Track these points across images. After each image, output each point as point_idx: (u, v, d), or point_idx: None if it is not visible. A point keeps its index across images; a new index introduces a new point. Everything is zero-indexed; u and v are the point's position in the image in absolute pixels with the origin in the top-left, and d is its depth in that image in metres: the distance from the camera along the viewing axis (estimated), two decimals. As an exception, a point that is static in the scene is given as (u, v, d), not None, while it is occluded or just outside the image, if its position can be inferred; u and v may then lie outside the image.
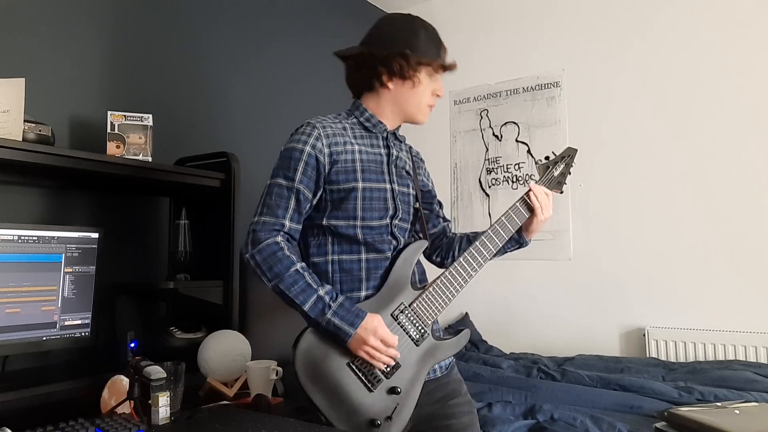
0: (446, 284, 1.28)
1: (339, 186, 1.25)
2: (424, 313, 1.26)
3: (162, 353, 1.53)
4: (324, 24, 3.13)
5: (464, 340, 1.32)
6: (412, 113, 1.35)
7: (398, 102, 1.33)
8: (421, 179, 1.46)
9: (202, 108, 2.43)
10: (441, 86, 1.36)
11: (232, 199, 1.99)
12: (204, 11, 2.47)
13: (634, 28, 2.86)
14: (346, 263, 1.26)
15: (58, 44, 1.92)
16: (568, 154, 1.48)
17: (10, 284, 1.51)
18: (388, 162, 1.33)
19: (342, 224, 1.26)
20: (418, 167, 1.47)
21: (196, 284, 2.00)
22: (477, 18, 3.39)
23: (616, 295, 2.81)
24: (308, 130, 1.26)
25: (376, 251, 1.27)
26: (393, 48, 1.28)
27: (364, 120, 1.34)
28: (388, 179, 1.31)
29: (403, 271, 1.28)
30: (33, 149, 1.50)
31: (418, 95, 1.32)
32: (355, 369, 1.19)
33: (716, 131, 2.62)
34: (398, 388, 1.20)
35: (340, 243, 1.27)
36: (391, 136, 1.36)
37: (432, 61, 1.31)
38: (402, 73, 1.29)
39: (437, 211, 1.52)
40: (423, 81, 1.31)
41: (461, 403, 1.34)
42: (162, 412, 1.17)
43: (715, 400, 1.81)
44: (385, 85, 1.31)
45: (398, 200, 1.32)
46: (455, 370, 1.40)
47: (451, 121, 3.44)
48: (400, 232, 1.32)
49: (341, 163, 1.25)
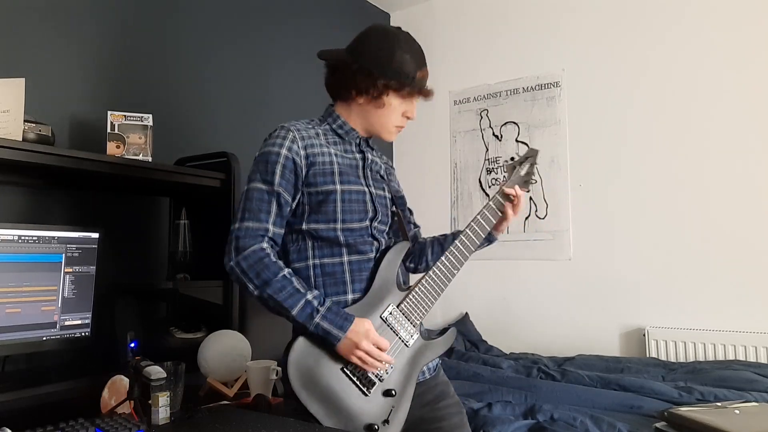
0: (432, 284, 1.28)
1: (317, 188, 1.24)
2: (412, 313, 1.26)
3: (162, 353, 1.53)
4: (324, 24, 3.13)
5: (451, 338, 1.33)
6: (378, 131, 1.34)
7: (365, 118, 1.32)
8: (393, 185, 1.46)
9: (202, 108, 2.43)
10: (412, 109, 1.33)
11: (232, 199, 1.99)
12: (204, 11, 2.47)
13: (633, 29, 2.86)
14: (328, 266, 1.25)
15: (58, 44, 1.92)
16: (531, 155, 1.52)
17: (10, 284, 1.51)
18: (364, 166, 1.33)
19: (322, 227, 1.25)
20: (389, 174, 1.47)
21: (196, 284, 2.00)
22: (477, 18, 3.39)
23: (616, 295, 2.81)
24: (283, 133, 1.25)
25: (358, 253, 1.26)
26: (364, 63, 1.26)
27: (337, 127, 1.33)
28: (365, 182, 1.31)
29: (388, 273, 1.27)
30: (33, 149, 1.50)
31: (385, 116, 1.31)
32: (348, 374, 1.18)
33: (716, 131, 2.62)
34: (393, 391, 1.20)
35: (321, 247, 1.25)
36: (363, 142, 1.36)
37: (402, 87, 1.27)
38: (368, 93, 1.27)
39: (408, 218, 1.52)
40: (392, 103, 1.29)
41: (450, 404, 1.34)
42: (162, 412, 1.17)
43: (715, 400, 1.81)
44: (354, 99, 1.30)
45: (377, 203, 1.31)
46: (442, 372, 1.41)
47: (451, 121, 3.44)
48: (380, 234, 1.32)
49: (318, 165, 1.24)
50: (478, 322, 3.12)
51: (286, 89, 2.87)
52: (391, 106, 1.29)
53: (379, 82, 1.25)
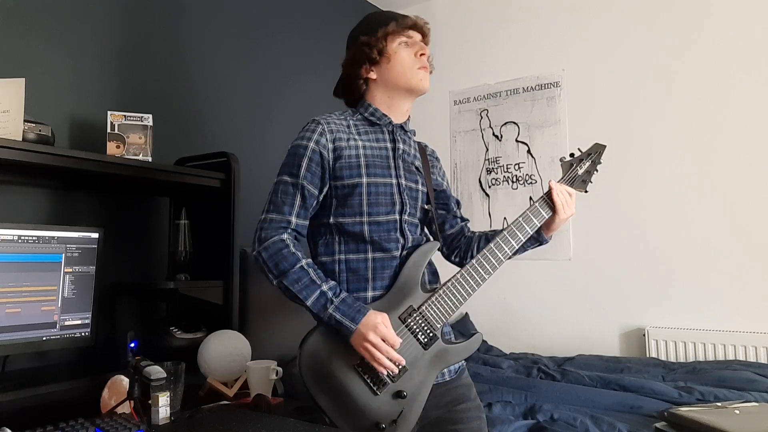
0: (458, 287, 1.26)
1: (344, 182, 1.25)
2: (434, 316, 1.24)
3: (162, 353, 1.53)
4: (324, 24, 3.13)
5: (475, 344, 1.27)
6: (405, 82, 1.32)
7: (389, 83, 1.33)
8: (434, 178, 1.44)
9: (202, 108, 2.43)
10: (420, 45, 1.34)
11: (232, 199, 1.99)
12: (204, 11, 2.47)
13: (634, 28, 2.86)
14: (352, 263, 1.26)
15: (58, 44, 1.92)
16: (595, 151, 1.42)
17: (10, 284, 1.51)
18: (395, 156, 1.32)
19: (348, 221, 1.25)
20: (432, 165, 1.45)
21: (196, 284, 2.00)
22: (477, 18, 3.39)
23: (616, 295, 2.81)
24: (312, 126, 1.28)
25: (382, 250, 1.26)
26: (355, 42, 1.33)
27: (369, 114, 1.34)
28: (395, 174, 1.30)
29: (412, 273, 1.26)
30: (33, 149, 1.50)
31: (399, 63, 1.31)
32: (360, 371, 1.18)
33: (716, 131, 2.62)
34: (404, 392, 1.19)
35: (347, 242, 1.26)
36: (397, 129, 1.35)
37: (388, 28, 1.31)
38: (371, 58, 1.30)
39: (454, 211, 1.50)
40: (397, 50, 1.31)
41: (470, 408, 1.30)
42: (162, 412, 1.17)
43: (715, 400, 1.81)
44: (368, 78, 1.33)
45: (405, 195, 1.30)
46: (465, 374, 1.37)
47: (451, 121, 3.44)
48: (410, 228, 1.30)
49: (345, 158, 1.25)
50: (478, 322, 3.12)
51: (286, 89, 2.87)
52: (397, 53, 1.31)
53: (372, 39, 1.30)
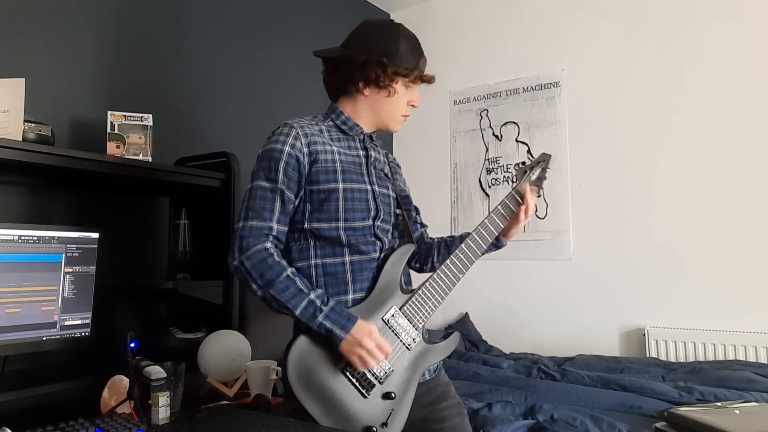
0: (435, 287, 1.27)
1: (320, 186, 1.24)
2: (415, 316, 1.25)
3: (162, 353, 1.53)
4: (324, 24, 3.13)
5: (454, 342, 1.31)
6: (385, 122, 1.35)
7: (373, 109, 1.33)
8: (398, 184, 1.45)
9: (202, 108, 2.43)
10: (417, 97, 1.35)
11: (232, 199, 1.99)
12: (204, 11, 2.47)
13: (634, 28, 2.86)
14: (329, 266, 1.25)
15: (58, 44, 1.92)
16: (543, 159, 1.49)
17: (10, 284, 1.51)
18: (367, 164, 1.33)
19: (324, 226, 1.24)
20: (395, 172, 1.46)
21: (196, 284, 2.00)
22: (477, 18, 3.39)
23: (616, 295, 2.81)
24: (286, 130, 1.25)
25: (359, 253, 1.26)
26: (370, 55, 1.27)
27: (341, 123, 1.33)
28: (368, 180, 1.31)
29: (392, 275, 1.27)
30: (33, 149, 1.50)
31: (393, 105, 1.32)
32: (348, 375, 1.18)
33: (716, 130, 2.62)
34: (393, 393, 1.19)
35: (323, 246, 1.25)
36: (367, 138, 1.36)
37: (409, 73, 1.29)
38: (377, 82, 1.28)
39: (414, 217, 1.51)
40: (399, 91, 1.31)
41: (452, 405, 1.34)
42: (162, 412, 1.17)
43: (715, 400, 1.81)
44: (360, 91, 1.31)
45: (379, 201, 1.31)
46: (443, 373, 1.40)
47: (451, 121, 3.44)
48: (383, 233, 1.31)
49: (321, 163, 1.24)
50: (478, 322, 3.12)
51: (286, 89, 2.87)
52: (398, 94, 1.31)
53: (389, 70, 1.27)
